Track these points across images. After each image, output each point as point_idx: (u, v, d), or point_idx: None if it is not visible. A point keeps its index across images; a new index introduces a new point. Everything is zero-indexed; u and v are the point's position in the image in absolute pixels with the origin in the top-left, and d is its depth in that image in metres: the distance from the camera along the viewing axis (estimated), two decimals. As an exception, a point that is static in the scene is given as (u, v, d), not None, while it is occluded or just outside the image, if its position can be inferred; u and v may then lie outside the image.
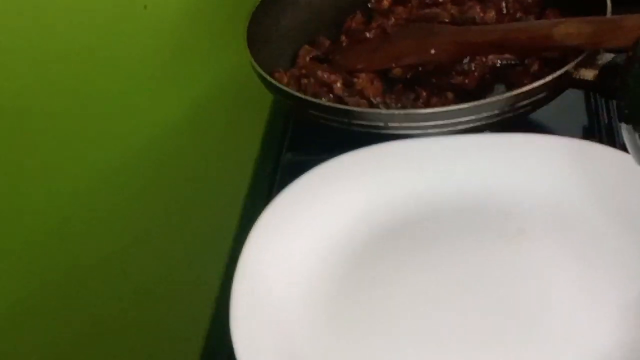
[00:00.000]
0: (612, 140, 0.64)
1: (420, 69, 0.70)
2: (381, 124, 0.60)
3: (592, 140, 0.59)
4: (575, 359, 0.48)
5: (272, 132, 0.74)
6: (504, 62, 0.68)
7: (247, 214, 0.64)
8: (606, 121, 0.67)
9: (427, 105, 0.65)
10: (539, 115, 0.65)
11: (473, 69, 0.68)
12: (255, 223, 0.55)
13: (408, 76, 0.69)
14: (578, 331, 0.49)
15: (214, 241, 0.66)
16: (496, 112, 0.59)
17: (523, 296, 0.52)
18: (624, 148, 0.51)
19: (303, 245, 0.56)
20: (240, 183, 0.68)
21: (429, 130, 0.61)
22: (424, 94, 0.67)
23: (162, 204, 0.95)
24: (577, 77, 0.60)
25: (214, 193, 0.93)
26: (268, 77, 0.64)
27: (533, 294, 0.52)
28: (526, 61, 0.67)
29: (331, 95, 0.67)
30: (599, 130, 0.66)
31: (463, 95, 0.66)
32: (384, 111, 0.64)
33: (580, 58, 0.60)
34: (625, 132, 0.48)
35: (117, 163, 0.91)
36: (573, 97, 0.67)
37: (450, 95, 0.66)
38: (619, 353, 0.47)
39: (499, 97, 0.59)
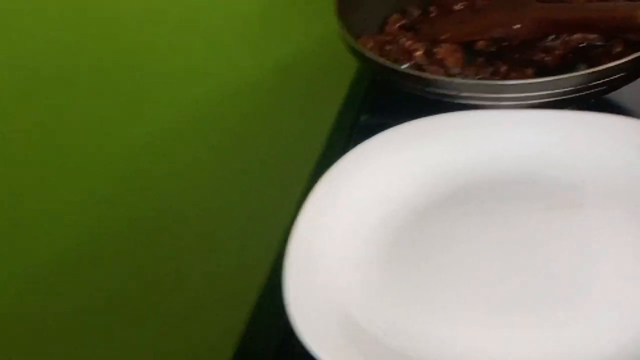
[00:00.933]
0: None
1: (505, 43, 0.70)
2: (455, 93, 0.61)
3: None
4: (619, 327, 0.48)
5: (353, 94, 0.76)
6: (589, 42, 0.68)
7: (319, 169, 0.66)
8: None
9: (504, 79, 0.66)
10: (621, 97, 0.65)
11: (557, 47, 0.68)
12: (321, 178, 0.58)
13: (492, 49, 0.70)
14: (625, 301, 0.50)
15: (286, 194, 0.68)
16: (570, 89, 0.59)
17: (572, 263, 0.52)
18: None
19: (362, 205, 0.58)
20: (318, 140, 0.71)
21: (502, 103, 0.61)
22: (504, 68, 0.67)
23: (241, 154, 0.99)
24: (657, 60, 0.60)
25: (292, 147, 0.96)
26: (350, 40, 0.66)
27: (582, 263, 0.52)
28: (610, 43, 0.66)
29: (411, 63, 0.68)
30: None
31: (543, 72, 0.66)
32: (456, 80, 0.65)
33: (661, 41, 0.60)
34: None
35: (204, 115, 0.95)
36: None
37: (529, 71, 0.66)
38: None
39: (573, 74, 0.59)
